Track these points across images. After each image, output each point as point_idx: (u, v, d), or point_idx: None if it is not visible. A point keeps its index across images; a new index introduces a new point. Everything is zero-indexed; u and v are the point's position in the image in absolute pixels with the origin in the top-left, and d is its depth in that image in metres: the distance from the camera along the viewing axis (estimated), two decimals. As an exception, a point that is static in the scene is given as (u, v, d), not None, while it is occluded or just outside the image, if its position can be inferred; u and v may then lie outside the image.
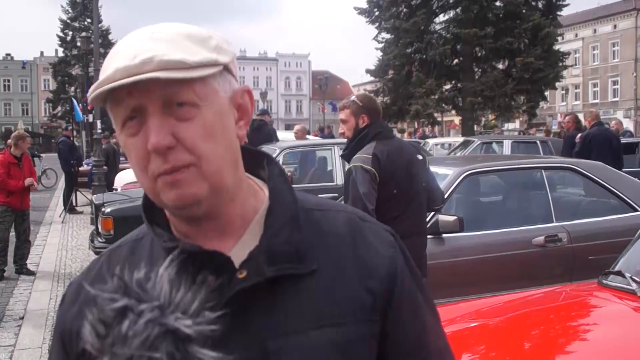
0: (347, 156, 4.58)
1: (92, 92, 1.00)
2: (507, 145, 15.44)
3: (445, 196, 5.62)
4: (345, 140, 4.83)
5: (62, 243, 12.39)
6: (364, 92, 4.93)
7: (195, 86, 1.01)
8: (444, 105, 30.66)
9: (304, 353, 1.04)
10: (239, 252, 1.08)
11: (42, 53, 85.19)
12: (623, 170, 7.52)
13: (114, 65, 0.99)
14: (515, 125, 49.16)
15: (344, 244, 1.13)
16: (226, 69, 1.07)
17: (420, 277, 1.23)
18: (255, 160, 1.20)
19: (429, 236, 5.08)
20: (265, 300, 1.06)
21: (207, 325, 0.86)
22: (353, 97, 4.63)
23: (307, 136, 14.15)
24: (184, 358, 0.83)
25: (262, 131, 11.57)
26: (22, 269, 9.70)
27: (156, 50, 0.99)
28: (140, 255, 1.13)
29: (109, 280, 0.88)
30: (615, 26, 61.69)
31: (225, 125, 1.06)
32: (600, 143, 10.10)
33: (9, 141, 11.84)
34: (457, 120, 40.66)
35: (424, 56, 29.44)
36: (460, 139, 20.70)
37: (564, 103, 62.57)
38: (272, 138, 11.61)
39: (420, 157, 4.58)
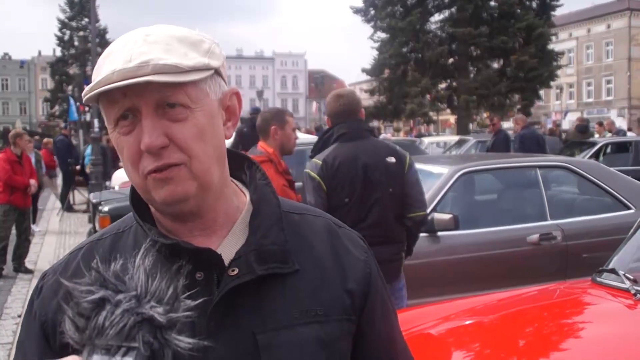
0: (312, 158, 4.32)
1: (89, 92, 1.03)
2: (502, 144, 15.43)
3: (441, 195, 5.65)
4: None
5: (60, 241, 12.37)
6: (343, 89, 4.53)
7: (187, 89, 1.05)
8: (439, 103, 30.67)
9: (292, 347, 1.09)
10: (225, 250, 1.12)
11: (40, 52, 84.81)
12: (617, 168, 7.56)
13: (111, 67, 1.02)
14: (510, 124, 49.09)
15: (323, 247, 1.19)
16: (217, 72, 1.12)
17: (384, 281, 1.29)
18: (235, 162, 1.24)
19: (423, 234, 5.01)
20: (255, 297, 1.10)
21: (181, 313, 0.88)
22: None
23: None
24: (162, 346, 0.85)
25: None
26: (20, 267, 9.72)
27: (151, 54, 1.02)
28: (121, 249, 1.15)
29: (87, 274, 0.90)
30: (608, 26, 61.75)
31: (215, 126, 1.11)
32: (531, 142, 11.68)
33: None
34: (452, 119, 40.63)
35: (420, 55, 29.44)
36: (455, 138, 20.72)
37: (559, 102, 62.56)
38: None
39: (392, 159, 4.14)
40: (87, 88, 1.05)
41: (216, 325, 1.06)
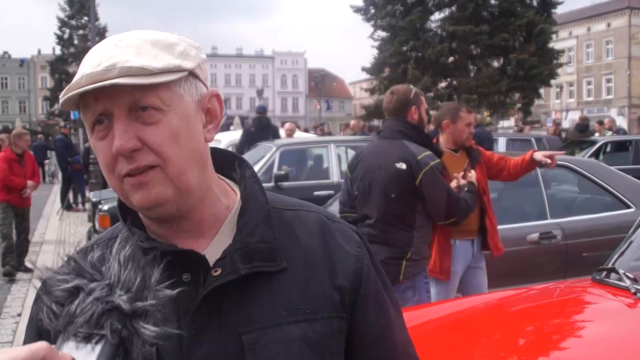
0: None
1: (62, 97, 1.04)
2: (502, 143, 15.47)
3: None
4: (339, 137, 4.85)
5: (60, 240, 12.37)
6: (399, 86, 4.63)
7: (159, 91, 1.04)
8: (439, 102, 30.66)
9: (278, 346, 1.08)
10: (213, 250, 1.12)
11: (39, 51, 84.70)
12: (617, 167, 7.57)
13: (81, 72, 1.03)
14: (510, 122, 49.17)
15: (314, 243, 1.17)
16: (192, 74, 1.10)
17: (384, 273, 1.27)
18: (226, 162, 1.24)
19: None
20: (240, 296, 1.09)
21: (147, 301, 0.88)
22: None
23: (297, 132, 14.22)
24: (131, 334, 0.86)
25: (269, 129, 11.59)
26: (19, 266, 9.65)
27: (119, 57, 1.03)
28: None
29: (65, 264, 0.91)
30: (609, 24, 61.77)
31: (191, 129, 1.09)
32: (488, 141, 12.17)
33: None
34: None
35: (420, 54, 29.42)
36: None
37: (559, 101, 62.61)
38: (277, 135, 11.63)
39: (402, 166, 4.14)
40: (61, 94, 1.06)
41: (201, 326, 1.06)
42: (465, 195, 4.36)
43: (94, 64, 1.03)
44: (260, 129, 11.45)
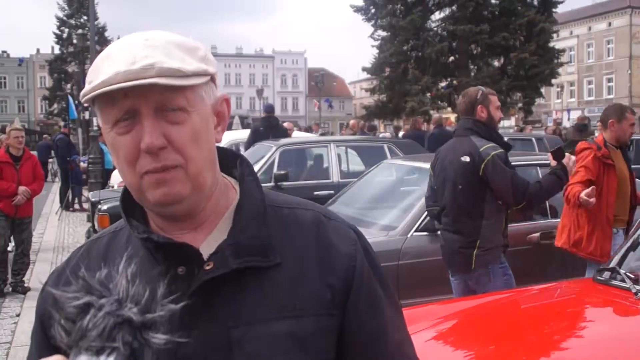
0: None
1: (90, 92, 1.06)
2: (502, 143, 15.44)
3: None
4: (339, 137, 4.97)
5: (59, 240, 12.37)
6: (470, 88, 4.94)
7: (187, 93, 1.10)
8: (439, 102, 30.67)
9: (265, 342, 1.11)
10: (209, 245, 1.16)
11: (38, 50, 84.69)
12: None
13: (114, 69, 1.05)
14: (510, 122, 49.16)
15: (307, 241, 1.20)
16: (212, 78, 1.16)
17: (382, 272, 1.28)
18: (229, 160, 1.28)
19: (423, 233, 5.38)
20: (231, 291, 1.13)
21: (156, 313, 0.91)
22: None
23: (295, 132, 14.19)
24: (142, 345, 0.89)
25: (277, 129, 11.49)
26: (17, 286, 8.46)
27: (154, 57, 1.06)
28: (116, 247, 1.21)
29: (74, 282, 0.94)
30: (609, 24, 61.81)
31: (208, 130, 1.16)
32: (441, 141, 12.52)
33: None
34: (452, 117, 40.70)
35: (420, 53, 29.43)
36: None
37: (559, 100, 62.58)
38: (285, 136, 11.51)
39: (466, 159, 4.52)
40: (88, 87, 1.07)
41: (192, 319, 1.08)
42: (547, 179, 4.56)
43: (128, 61, 1.05)
44: (269, 128, 11.32)
